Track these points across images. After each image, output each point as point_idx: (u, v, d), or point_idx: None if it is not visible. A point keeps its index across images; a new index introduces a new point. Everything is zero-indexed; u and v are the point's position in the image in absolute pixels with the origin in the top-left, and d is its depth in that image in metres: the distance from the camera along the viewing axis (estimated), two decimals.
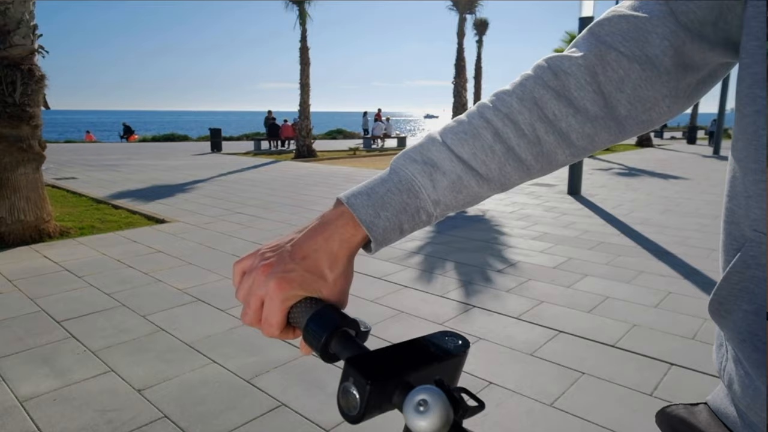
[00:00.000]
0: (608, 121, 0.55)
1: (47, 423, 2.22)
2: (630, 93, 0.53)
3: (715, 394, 0.56)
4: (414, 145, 0.56)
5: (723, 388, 0.54)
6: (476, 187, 0.54)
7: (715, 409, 0.55)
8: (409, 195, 0.53)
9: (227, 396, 2.44)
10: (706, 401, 0.58)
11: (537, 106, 0.54)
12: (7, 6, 5.21)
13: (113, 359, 2.81)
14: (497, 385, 2.56)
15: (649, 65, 0.52)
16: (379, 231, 0.51)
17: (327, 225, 0.51)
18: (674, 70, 0.52)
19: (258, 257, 0.51)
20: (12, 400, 2.40)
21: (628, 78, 0.53)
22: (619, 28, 0.53)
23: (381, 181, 0.54)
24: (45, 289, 3.93)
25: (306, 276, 0.49)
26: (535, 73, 0.55)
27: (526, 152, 0.54)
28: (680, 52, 0.51)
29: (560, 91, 0.54)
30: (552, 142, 0.55)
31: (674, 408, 0.60)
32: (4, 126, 5.25)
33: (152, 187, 9.45)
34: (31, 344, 2.99)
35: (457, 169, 0.53)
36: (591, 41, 0.54)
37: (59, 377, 2.62)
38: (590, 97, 0.54)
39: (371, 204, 0.52)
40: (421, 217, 0.54)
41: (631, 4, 0.54)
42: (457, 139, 0.54)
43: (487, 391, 2.52)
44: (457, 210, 0.56)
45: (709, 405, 0.56)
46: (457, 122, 0.56)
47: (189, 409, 2.33)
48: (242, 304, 0.51)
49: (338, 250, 0.51)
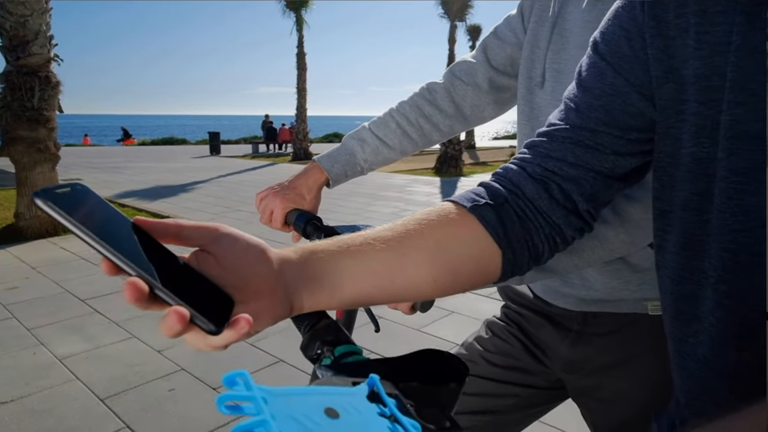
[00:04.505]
0: (459, 118, 1.01)
1: (84, 373, 2.67)
2: (470, 102, 1.00)
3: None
4: (356, 130, 1.02)
5: None
6: (386, 152, 1.00)
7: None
8: (349, 156, 0.99)
9: (234, 354, 2.88)
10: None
11: (419, 108, 1.00)
12: (26, 18, 5.67)
13: (135, 328, 3.26)
14: None
15: (477, 88, 0.98)
16: (333, 174, 0.97)
17: (306, 171, 0.97)
18: (492, 91, 0.99)
19: (270, 189, 0.97)
20: (52, 358, 2.85)
21: (467, 94, 0.99)
22: (462, 67, 0.99)
23: (336, 149, 1.00)
24: (67, 274, 4.37)
25: (295, 197, 0.95)
26: (420, 91, 1.02)
27: (413, 134, 1.00)
28: (493, 81, 0.98)
29: (432, 101, 1.00)
30: (428, 129, 1.01)
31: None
32: (23, 128, 5.70)
33: (155, 188, 9.89)
34: (61, 318, 3.43)
35: (375, 143, 0.99)
36: (448, 74, 1.01)
37: (89, 341, 3.06)
38: (448, 105, 1.00)
39: (330, 160, 0.98)
40: (356, 169, 1.00)
41: (471, 54, 1.00)
42: (375, 126, 1.00)
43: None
44: (378, 166, 1.02)
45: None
46: (378, 117, 1.02)
47: (202, 365, 2.78)
48: (260, 214, 0.97)
49: (312, 185, 0.97)
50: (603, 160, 0.53)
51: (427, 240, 0.51)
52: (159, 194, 9.09)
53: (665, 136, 0.50)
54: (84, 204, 0.37)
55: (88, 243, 0.36)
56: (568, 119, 0.55)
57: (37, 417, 2.28)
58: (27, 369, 2.72)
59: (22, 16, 5.63)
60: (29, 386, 2.54)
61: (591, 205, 0.55)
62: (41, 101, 5.79)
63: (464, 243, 0.52)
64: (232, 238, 0.44)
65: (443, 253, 0.51)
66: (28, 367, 2.74)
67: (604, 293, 0.82)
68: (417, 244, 0.50)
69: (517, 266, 0.54)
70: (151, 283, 0.36)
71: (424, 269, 0.50)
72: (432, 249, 0.50)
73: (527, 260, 0.55)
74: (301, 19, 16.55)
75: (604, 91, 0.53)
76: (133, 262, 0.36)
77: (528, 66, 0.89)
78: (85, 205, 0.37)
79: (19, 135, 5.67)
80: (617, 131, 0.52)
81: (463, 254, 0.52)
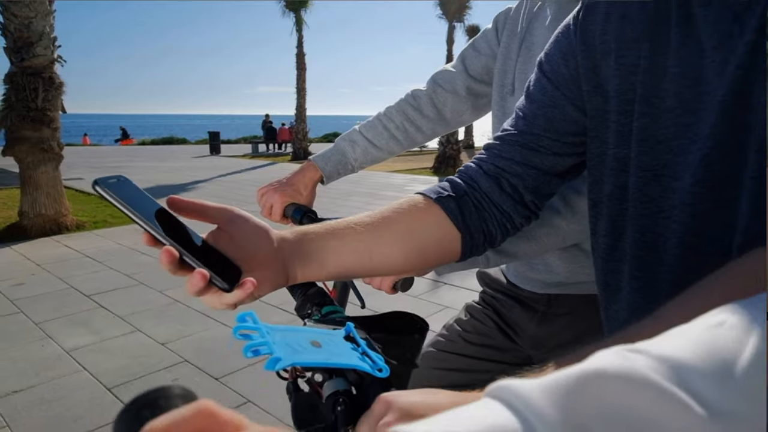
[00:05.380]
0: (441, 122, 1.12)
1: (91, 364, 2.78)
2: (450, 108, 1.10)
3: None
4: (347, 132, 1.13)
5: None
6: (375, 152, 1.11)
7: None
8: (341, 156, 1.10)
9: (233, 347, 2.99)
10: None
11: (404, 113, 1.11)
12: (30, 20, 5.78)
13: (138, 322, 3.37)
14: None
15: (456, 95, 1.09)
16: (327, 172, 1.08)
17: (302, 170, 1.08)
18: (469, 97, 1.10)
19: (270, 185, 1.08)
20: (60, 350, 2.96)
21: (447, 100, 1.10)
22: (443, 75, 1.10)
23: (329, 149, 1.11)
24: (71, 271, 4.48)
25: (293, 193, 1.06)
26: (405, 97, 1.12)
27: (399, 136, 1.11)
28: (471, 88, 1.09)
29: (416, 106, 1.11)
30: (413, 131, 1.12)
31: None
32: (28, 129, 5.80)
33: (156, 187, 10.00)
34: (67, 312, 3.54)
35: (365, 144, 1.10)
36: (431, 82, 1.11)
37: (95, 335, 3.17)
38: (430, 109, 1.11)
39: (323, 160, 1.09)
40: (348, 168, 1.11)
41: (452, 64, 1.11)
42: (365, 129, 1.11)
43: None
44: (368, 164, 1.13)
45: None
46: (368, 121, 1.13)
47: (203, 356, 2.89)
48: (261, 208, 1.08)
49: (308, 181, 1.07)
50: (544, 160, 0.64)
51: (399, 225, 0.62)
52: (160, 193, 9.15)
53: (594, 139, 0.61)
54: (127, 190, 0.48)
55: (134, 220, 0.47)
56: (517, 126, 0.66)
57: (48, 405, 2.39)
58: (36, 360, 2.83)
59: (27, 18, 5.74)
60: (39, 376, 2.65)
61: (534, 196, 0.66)
62: (45, 102, 5.90)
63: (430, 227, 0.63)
64: (243, 219, 0.55)
65: (412, 236, 0.62)
66: (37, 359, 2.84)
67: (564, 276, 0.93)
68: (391, 228, 0.61)
69: (474, 247, 0.65)
70: (181, 251, 0.47)
71: (396, 249, 0.61)
72: (403, 232, 0.61)
73: (483, 242, 0.66)
74: (301, 19, 16.66)
75: (545, 102, 0.64)
76: (168, 236, 0.47)
77: (501, 75, 1.01)
78: (129, 191, 0.48)
79: (23, 135, 5.78)
80: (556, 135, 0.63)
81: (429, 237, 0.63)
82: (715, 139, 0.47)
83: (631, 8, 0.57)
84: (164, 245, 0.46)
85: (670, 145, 0.52)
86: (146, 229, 0.47)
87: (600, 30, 0.59)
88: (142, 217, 0.46)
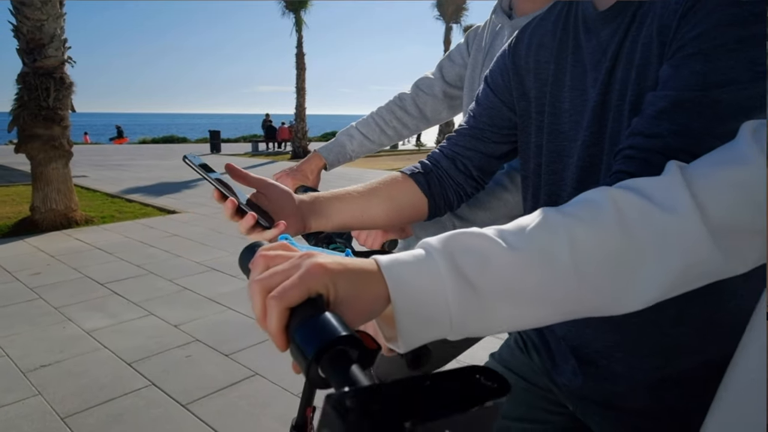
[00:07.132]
0: (423, 119, 1.36)
1: (111, 343, 3.03)
2: (430, 108, 1.35)
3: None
4: (346, 128, 1.38)
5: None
6: (369, 145, 1.36)
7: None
8: (341, 147, 1.34)
9: (241, 329, 3.24)
10: None
11: (392, 112, 1.36)
12: (42, 22, 6.02)
13: (152, 307, 3.61)
14: None
15: (435, 97, 1.34)
16: (329, 161, 1.33)
17: (309, 158, 1.33)
18: (446, 99, 1.34)
19: (282, 171, 1.32)
20: (80, 331, 3.20)
21: (427, 102, 1.34)
22: (424, 82, 1.35)
23: (331, 142, 1.36)
24: (84, 262, 4.73)
25: (302, 177, 1.30)
26: (393, 99, 1.37)
27: (389, 131, 1.36)
28: (446, 92, 1.33)
29: (402, 106, 1.35)
30: (400, 127, 1.36)
31: None
32: (40, 127, 6.04)
33: (160, 184, 10.24)
34: (84, 298, 3.79)
35: (360, 137, 1.35)
36: (414, 87, 1.36)
37: (112, 318, 3.42)
38: (414, 109, 1.35)
39: (326, 150, 1.34)
40: (346, 157, 1.36)
41: (431, 71, 1.36)
42: (361, 125, 1.36)
43: None
44: (363, 154, 1.37)
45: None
46: (363, 119, 1.38)
47: (214, 336, 3.13)
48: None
49: (314, 168, 1.32)
50: (487, 146, 0.89)
51: (383, 192, 0.86)
52: (163, 190, 9.44)
53: (522, 132, 0.86)
54: (203, 164, 0.73)
55: (208, 181, 0.71)
56: (468, 122, 0.91)
57: (75, 377, 2.63)
58: (59, 340, 3.07)
59: (39, 21, 5.98)
60: (63, 353, 2.89)
61: (480, 173, 0.91)
62: (56, 101, 6.14)
63: (405, 194, 0.87)
64: (274, 186, 0.79)
65: (393, 200, 0.86)
66: (60, 338, 3.09)
67: None
68: (377, 194, 0.86)
69: (437, 209, 0.90)
70: (240, 202, 0.71)
71: (381, 209, 0.85)
72: (386, 197, 0.86)
73: (443, 206, 0.91)
74: (300, 20, 16.92)
75: (488, 105, 0.88)
76: (230, 193, 0.71)
77: (470, 82, 1.25)
78: (203, 165, 0.73)
79: (35, 133, 6.02)
80: (496, 129, 0.88)
81: (404, 201, 0.87)
82: (590, 130, 0.72)
83: (545, 39, 0.81)
84: (227, 198, 0.71)
85: (567, 135, 0.77)
86: (216, 187, 0.71)
87: (524, 54, 0.84)
88: (213, 180, 0.71)
